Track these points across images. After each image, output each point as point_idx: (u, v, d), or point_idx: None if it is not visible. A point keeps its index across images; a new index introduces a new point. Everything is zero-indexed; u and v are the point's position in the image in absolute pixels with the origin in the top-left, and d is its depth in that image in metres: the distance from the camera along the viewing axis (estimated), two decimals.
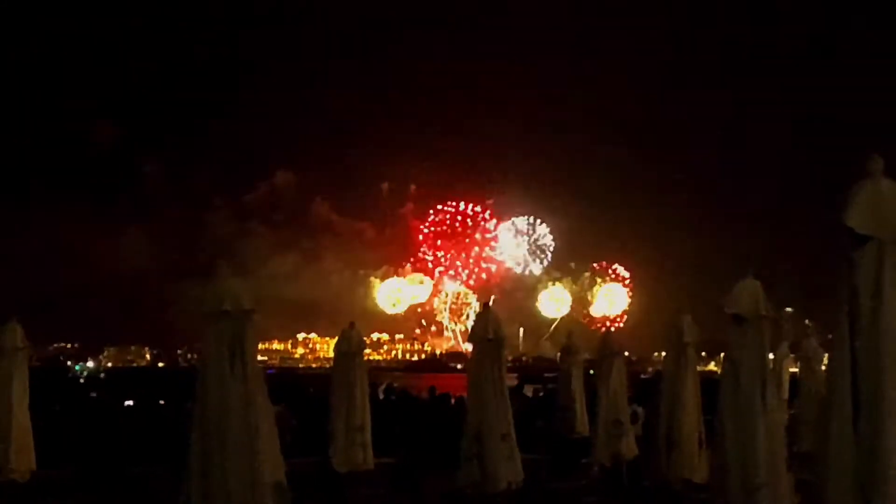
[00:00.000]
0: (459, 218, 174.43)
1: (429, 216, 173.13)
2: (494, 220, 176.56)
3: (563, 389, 27.69)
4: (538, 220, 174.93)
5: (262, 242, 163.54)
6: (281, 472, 12.44)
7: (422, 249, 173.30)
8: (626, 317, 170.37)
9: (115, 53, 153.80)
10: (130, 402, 37.58)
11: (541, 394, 35.57)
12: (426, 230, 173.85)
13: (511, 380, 23.19)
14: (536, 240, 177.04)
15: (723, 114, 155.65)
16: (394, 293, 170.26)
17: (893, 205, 9.09)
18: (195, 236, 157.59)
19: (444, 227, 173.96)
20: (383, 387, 31.88)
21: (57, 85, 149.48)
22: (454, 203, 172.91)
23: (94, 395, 40.65)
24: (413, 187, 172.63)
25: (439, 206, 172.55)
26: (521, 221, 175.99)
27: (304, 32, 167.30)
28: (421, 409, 30.28)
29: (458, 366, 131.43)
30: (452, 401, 29.68)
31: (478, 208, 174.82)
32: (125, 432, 25.83)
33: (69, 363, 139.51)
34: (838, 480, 8.98)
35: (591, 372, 27.05)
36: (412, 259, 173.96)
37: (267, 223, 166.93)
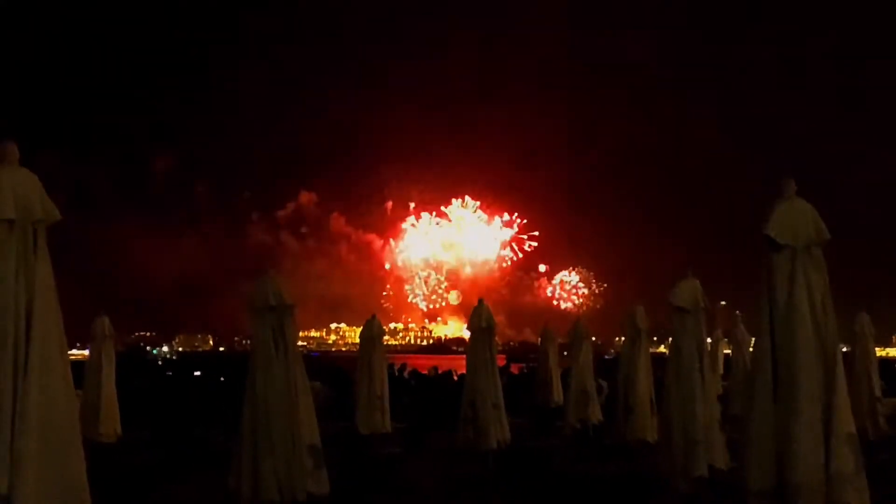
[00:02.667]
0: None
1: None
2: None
3: (541, 366, 27.73)
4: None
5: (294, 250, 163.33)
6: (316, 434, 12.43)
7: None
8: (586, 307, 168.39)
9: (170, 90, 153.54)
10: (198, 373, 37.78)
11: (524, 370, 35.57)
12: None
13: (500, 360, 23.20)
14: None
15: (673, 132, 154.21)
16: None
17: (803, 219, 9.16)
18: (239, 245, 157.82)
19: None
20: (399, 366, 31.85)
21: (124, 118, 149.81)
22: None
23: (169, 373, 40.67)
24: (412, 206, 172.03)
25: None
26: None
27: (327, 74, 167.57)
28: (428, 383, 30.28)
29: (460, 349, 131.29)
30: (455, 377, 29.67)
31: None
32: (192, 403, 25.87)
33: (147, 348, 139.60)
34: (760, 439, 9.00)
35: (565, 353, 27.06)
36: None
37: (295, 234, 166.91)
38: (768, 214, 9.27)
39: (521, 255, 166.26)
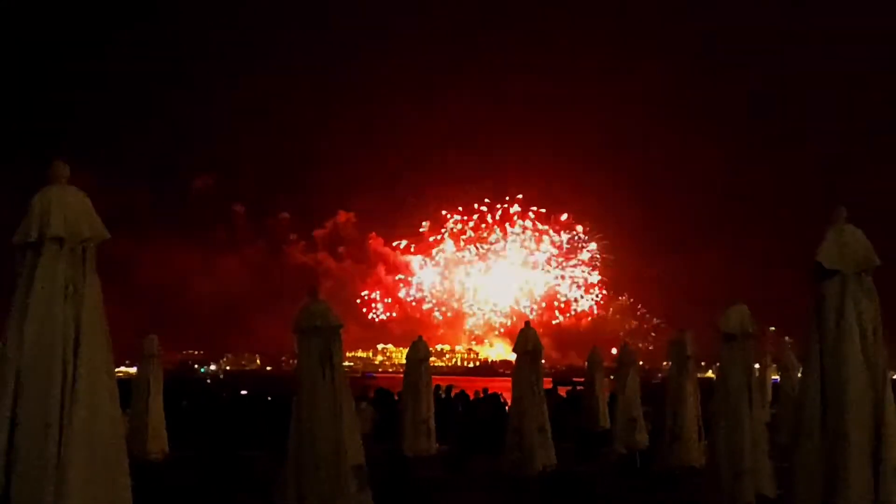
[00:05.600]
0: None
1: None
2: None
3: (588, 391, 27.61)
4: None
5: (334, 270, 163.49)
6: (360, 456, 12.44)
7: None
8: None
9: (208, 112, 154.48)
10: (245, 392, 37.97)
11: (571, 392, 35.38)
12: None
13: (546, 383, 23.12)
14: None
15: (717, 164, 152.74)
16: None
17: (854, 245, 9.08)
18: (280, 265, 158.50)
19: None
20: (445, 387, 31.73)
21: (167, 144, 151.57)
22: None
23: (224, 394, 40.75)
24: (450, 227, 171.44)
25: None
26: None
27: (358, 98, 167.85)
28: (474, 405, 30.18)
29: (507, 371, 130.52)
30: (502, 399, 29.59)
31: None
32: (239, 423, 25.93)
33: (196, 366, 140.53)
34: (808, 468, 8.91)
35: (612, 377, 26.94)
36: None
37: (333, 255, 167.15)
38: (820, 240, 9.21)
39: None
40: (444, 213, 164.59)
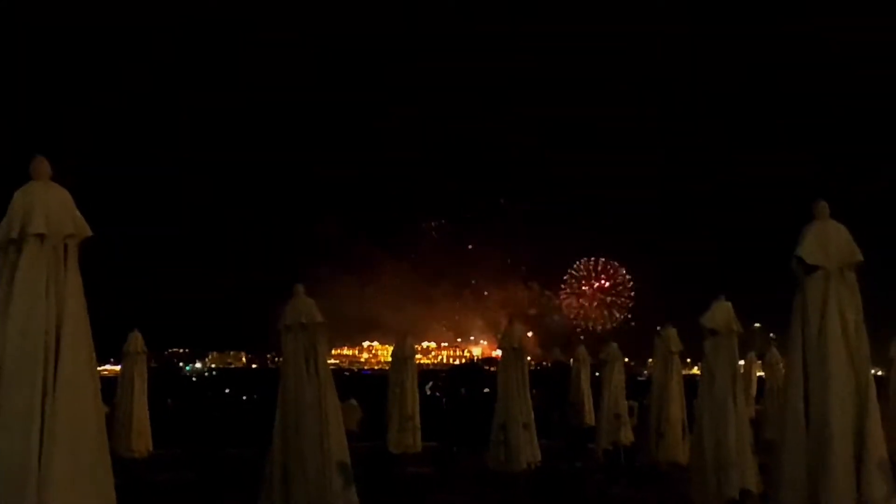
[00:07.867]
0: None
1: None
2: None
3: (573, 388, 27.63)
4: None
5: (320, 267, 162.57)
6: (345, 453, 12.42)
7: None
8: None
9: (197, 107, 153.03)
10: (228, 390, 38.00)
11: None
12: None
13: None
14: None
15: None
16: None
17: (837, 241, 9.07)
18: (266, 262, 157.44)
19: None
20: (430, 385, 31.77)
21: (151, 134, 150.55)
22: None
23: (208, 393, 40.73)
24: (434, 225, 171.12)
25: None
26: None
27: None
28: (459, 402, 30.24)
29: (492, 368, 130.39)
30: (486, 390, 29.65)
31: None
32: (224, 421, 25.91)
33: (180, 364, 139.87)
34: (792, 463, 8.91)
35: (597, 374, 26.96)
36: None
37: (319, 253, 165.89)
38: (801, 236, 9.19)
39: None
40: (416, 217, 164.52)
